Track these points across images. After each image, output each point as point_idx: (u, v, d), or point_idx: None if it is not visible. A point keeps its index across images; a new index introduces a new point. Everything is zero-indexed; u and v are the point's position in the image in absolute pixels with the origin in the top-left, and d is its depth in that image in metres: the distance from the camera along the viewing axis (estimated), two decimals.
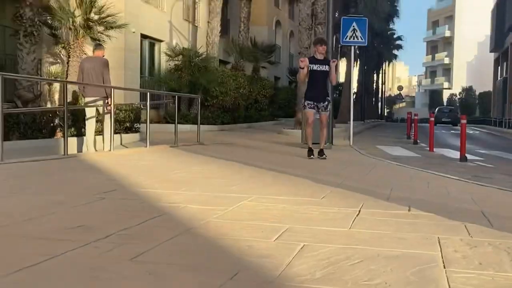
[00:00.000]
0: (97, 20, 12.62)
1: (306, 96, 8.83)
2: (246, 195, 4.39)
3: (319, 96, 8.74)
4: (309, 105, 8.71)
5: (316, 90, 8.73)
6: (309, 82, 8.78)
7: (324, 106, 8.77)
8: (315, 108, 8.74)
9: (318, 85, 8.77)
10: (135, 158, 7.77)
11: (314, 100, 8.70)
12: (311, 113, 8.75)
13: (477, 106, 71.28)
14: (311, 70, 8.66)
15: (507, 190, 5.56)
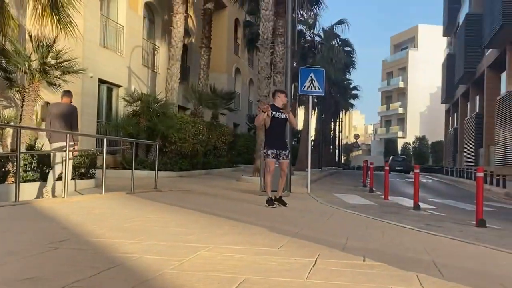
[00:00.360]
0: (54, 65, 12.51)
1: (269, 144, 8.85)
2: (203, 245, 4.36)
3: (281, 144, 8.87)
4: (272, 154, 8.76)
5: (279, 138, 8.86)
6: (271, 130, 8.83)
7: (286, 154, 8.89)
8: (277, 157, 8.81)
9: (280, 133, 8.92)
10: (90, 205, 7.63)
11: (277, 148, 8.77)
12: (273, 162, 8.79)
13: (430, 155, 73.17)
14: (273, 117, 8.75)
15: (457, 239, 5.70)
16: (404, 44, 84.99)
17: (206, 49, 24.73)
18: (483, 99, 34.80)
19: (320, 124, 43.00)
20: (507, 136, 27.52)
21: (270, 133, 8.85)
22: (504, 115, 27.98)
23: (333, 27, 33.78)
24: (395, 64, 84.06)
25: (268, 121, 8.79)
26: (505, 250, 5.11)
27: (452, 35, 49.50)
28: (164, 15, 24.26)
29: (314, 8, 26.05)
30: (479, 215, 8.18)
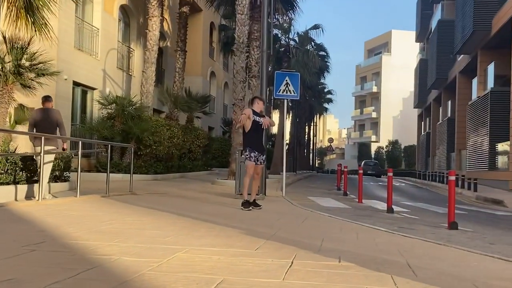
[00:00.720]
0: (28, 67, 12.38)
1: (252, 147, 8.90)
2: (180, 247, 4.39)
3: (261, 148, 9.03)
4: (254, 157, 8.84)
5: (260, 142, 9.02)
6: (253, 133, 8.91)
7: (263, 159, 9.08)
8: (256, 161, 8.90)
9: (261, 137, 9.07)
10: (65, 208, 7.58)
11: (258, 151, 8.90)
12: (253, 165, 8.87)
13: (403, 159, 74.07)
14: (254, 121, 8.86)
15: (430, 241, 5.84)
16: (377, 49, 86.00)
17: (181, 52, 24.70)
18: (455, 104, 35.44)
19: (294, 128, 43.21)
20: (478, 140, 28.07)
21: (252, 136, 8.93)
22: (475, 120, 28.55)
23: (308, 31, 34.02)
24: (369, 69, 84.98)
25: (249, 125, 8.87)
26: (476, 252, 5.26)
27: (424, 40, 50.28)
28: (140, 18, 24.17)
29: (289, 13, 26.18)
30: (451, 217, 8.35)
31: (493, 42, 26.14)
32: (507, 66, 23.66)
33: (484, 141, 26.69)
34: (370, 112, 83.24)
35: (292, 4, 25.18)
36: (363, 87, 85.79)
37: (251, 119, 8.84)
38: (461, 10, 29.24)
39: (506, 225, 10.38)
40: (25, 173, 9.88)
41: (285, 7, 24.60)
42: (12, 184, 9.40)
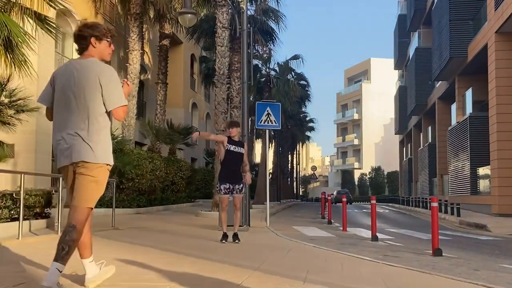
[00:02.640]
0: (7, 104, 12.30)
1: (221, 178, 8.72)
2: (164, 284, 4.34)
3: (235, 178, 8.71)
4: (225, 189, 8.69)
5: (232, 171, 8.70)
6: (224, 163, 8.70)
7: (239, 189, 8.76)
8: (231, 192, 8.78)
9: (234, 166, 8.75)
10: (46, 246, 7.45)
11: (230, 182, 8.65)
12: (226, 198, 8.71)
13: (386, 185, 74.48)
14: (228, 150, 8.66)
15: (414, 269, 5.83)
16: (357, 77, 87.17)
17: (162, 84, 24.79)
18: (435, 129, 35.86)
19: (277, 157, 43.36)
20: (459, 165, 28.35)
21: (223, 166, 8.72)
22: (456, 145, 28.88)
23: (288, 61, 34.40)
24: (349, 97, 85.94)
25: (222, 153, 8.75)
26: (460, 279, 5.26)
27: (403, 68, 51.07)
28: (120, 52, 24.26)
29: (268, 44, 26.52)
30: (435, 244, 8.37)
31: (470, 68, 26.64)
32: (485, 91, 24.08)
33: (465, 165, 26.96)
34: (352, 139, 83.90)
35: (271, 35, 25.52)
36: (345, 114, 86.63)
37: (224, 148, 8.70)
38: (438, 38, 29.83)
39: (490, 250, 10.43)
40: (5, 211, 9.73)
41: (264, 38, 24.91)
42: None
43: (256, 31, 22.75)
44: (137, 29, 21.17)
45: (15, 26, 10.37)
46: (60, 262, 3.76)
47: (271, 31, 25.31)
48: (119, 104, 4.04)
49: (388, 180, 74.08)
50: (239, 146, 8.80)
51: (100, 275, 4.21)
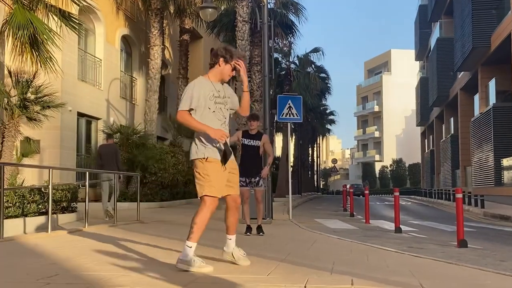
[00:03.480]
0: (34, 100, 12.53)
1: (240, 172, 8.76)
2: (193, 275, 4.41)
3: (251, 171, 8.64)
4: (241, 182, 8.71)
5: (248, 164, 8.62)
6: (242, 157, 8.71)
7: (256, 182, 8.72)
8: (248, 185, 8.77)
9: (250, 160, 8.69)
10: (74, 239, 7.61)
11: (246, 175, 8.56)
12: (245, 191, 8.64)
13: (407, 178, 73.96)
14: (243, 144, 8.69)
15: (440, 260, 5.83)
16: (377, 69, 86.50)
17: (183, 79, 24.89)
18: (457, 121, 35.50)
19: (298, 150, 43.30)
20: (482, 156, 28.06)
21: (241, 160, 8.63)
22: (479, 136, 28.57)
23: (309, 54, 34.30)
24: (370, 89, 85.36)
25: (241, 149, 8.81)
26: (488, 270, 5.25)
27: (424, 59, 50.58)
28: (141, 47, 24.43)
29: (289, 37, 26.49)
30: (460, 235, 8.34)
31: (493, 58, 26.31)
32: (508, 81, 23.79)
33: (489, 157, 26.67)
34: (373, 131, 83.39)
35: (291, 28, 25.48)
36: (365, 106, 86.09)
37: (240, 143, 8.72)
38: (460, 28, 29.49)
39: None
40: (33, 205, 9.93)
41: (284, 32, 24.88)
42: (21, 217, 9.45)
43: (276, 25, 22.72)
44: (157, 24, 21.31)
45: (41, 23, 10.56)
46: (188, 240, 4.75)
47: (291, 24, 25.29)
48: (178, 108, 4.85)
49: (409, 172, 73.57)
50: (255, 139, 8.75)
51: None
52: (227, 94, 4.89)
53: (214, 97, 4.77)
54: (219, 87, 4.85)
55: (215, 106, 4.78)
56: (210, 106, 4.75)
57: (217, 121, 4.77)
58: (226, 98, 4.86)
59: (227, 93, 4.90)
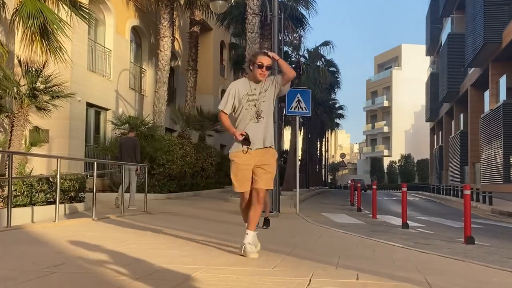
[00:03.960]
0: (43, 89, 12.57)
1: None
2: (197, 267, 4.42)
3: None
4: None
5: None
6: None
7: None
8: None
9: None
10: (82, 229, 7.65)
11: None
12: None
13: (416, 173, 73.71)
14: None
15: (447, 257, 5.81)
16: (387, 63, 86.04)
17: (192, 71, 24.91)
18: (467, 117, 35.29)
19: (306, 144, 43.21)
20: (491, 153, 27.90)
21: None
22: (489, 132, 28.40)
23: (318, 48, 34.16)
24: (379, 84, 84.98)
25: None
26: (494, 267, 5.22)
27: (435, 54, 50.26)
28: (151, 38, 24.45)
29: (298, 30, 26.38)
30: (467, 232, 8.30)
31: (504, 54, 26.09)
32: None
33: (498, 154, 26.51)
34: (382, 126, 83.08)
35: (302, 21, 25.37)
36: (374, 101, 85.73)
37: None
38: (471, 23, 29.25)
39: None
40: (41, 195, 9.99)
41: (294, 24, 24.78)
42: (29, 206, 9.50)
43: (287, 17, 22.62)
44: (168, 16, 21.29)
45: (51, 13, 10.56)
46: (247, 228, 5.24)
47: (301, 17, 25.17)
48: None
49: (418, 168, 73.31)
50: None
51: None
52: (266, 87, 5.29)
53: (247, 95, 5.27)
54: (255, 86, 5.29)
55: (247, 104, 5.26)
56: (243, 105, 5.27)
57: (248, 117, 5.26)
58: (263, 93, 5.28)
59: (266, 85, 5.30)
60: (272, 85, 5.32)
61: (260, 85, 5.30)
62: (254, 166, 5.23)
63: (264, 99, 5.29)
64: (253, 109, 5.25)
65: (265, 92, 5.30)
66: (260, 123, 5.24)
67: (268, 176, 5.25)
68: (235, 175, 5.27)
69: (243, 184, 5.25)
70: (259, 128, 5.24)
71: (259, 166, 5.23)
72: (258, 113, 5.25)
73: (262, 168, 5.24)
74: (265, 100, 5.29)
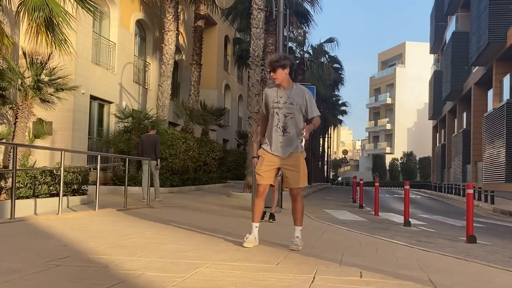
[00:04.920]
0: (48, 82, 12.58)
1: None
2: (201, 261, 4.43)
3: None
4: None
5: None
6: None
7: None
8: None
9: None
10: (85, 222, 7.67)
11: None
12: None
13: (417, 171, 73.65)
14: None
15: (449, 255, 5.82)
16: (391, 60, 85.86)
17: (196, 65, 24.91)
18: (470, 115, 35.22)
19: (309, 140, 43.21)
20: (494, 152, 27.86)
21: None
22: (491, 131, 28.35)
23: (323, 44, 34.12)
24: (383, 81, 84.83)
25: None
26: (497, 266, 5.23)
27: (439, 52, 50.13)
28: (155, 32, 24.43)
29: (303, 26, 26.34)
30: (470, 231, 8.32)
31: (509, 53, 26.02)
32: None
33: (501, 153, 26.47)
34: (385, 123, 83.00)
35: (306, 17, 25.32)
36: (377, 98, 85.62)
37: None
38: (476, 22, 29.17)
39: None
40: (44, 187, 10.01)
41: (299, 20, 24.74)
42: (32, 198, 9.53)
43: (291, 13, 22.61)
44: (172, 10, 21.27)
45: (56, 5, 10.56)
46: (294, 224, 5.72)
47: (306, 13, 25.12)
48: None
49: (420, 165, 73.25)
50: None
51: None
52: (290, 101, 5.42)
53: (273, 102, 5.44)
54: (282, 93, 5.45)
55: (272, 110, 5.46)
56: (270, 110, 5.48)
57: (273, 124, 5.46)
58: (288, 104, 5.40)
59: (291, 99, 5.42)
60: (300, 111, 5.43)
61: (286, 93, 5.43)
62: (281, 167, 5.47)
63: (285, 111, 5.41)
64: (276, 116, 5.43)
65: (291, 104, 5.40)
66: (285, 137, 5.42)
67: (295, 174, 5.43)
68: (259, 168, 5.50)
69: (262, 178, 5.47)
70: (284, 140, 5.41)
71: (285, 168, 5.46)
72: (284, 127, 5.41)
73: (288, 169, 5.46)
74: (292, 117, 5.41)
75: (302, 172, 5.47)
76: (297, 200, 5.52)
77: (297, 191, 5.50)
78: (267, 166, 5.46)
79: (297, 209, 5.60)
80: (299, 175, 5.45)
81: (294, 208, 5.62)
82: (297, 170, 5.42)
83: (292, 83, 5.55)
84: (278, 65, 5.41)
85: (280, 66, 5.42)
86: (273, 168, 5.47)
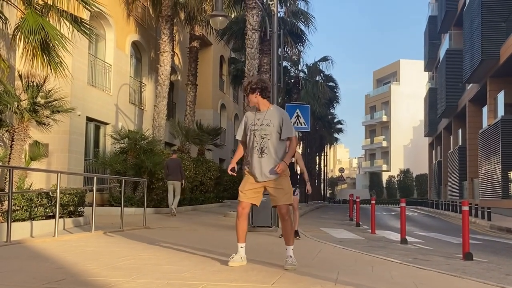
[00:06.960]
0: (44, 104, 12.60)
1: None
2: (198, 282, 4.45)
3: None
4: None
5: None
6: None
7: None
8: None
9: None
10: (81, 244, 7.66)
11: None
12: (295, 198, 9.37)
13: (414, 188, 73.67)
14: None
15: (445, 273, 5.84)
16: (386, 78, 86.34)
17: (192, 86, 25.03)
18: (465, 132, 35.37)
19: (305, 159, 43.29)
20: (490, 169, 27.94)
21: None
22: (487, 148, 28.47)
23: (317, 63, 34.36)
24: (378, 98, 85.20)
25: None
26: (491, 283, 5.25)
27: (433, 69, 50.47)
28: (151, 53, 24.60)
29: (298, 45, 26.57)
30: (466, 248, 8.33)
31: (502, 70, 26.25)
32: None
33: (497, 169, 26.55)
34: (381, 141, 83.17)
35: (301, 37, 25.57)
36: (373, 116, 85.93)
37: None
38: (469, 40, 29.45)
39: None
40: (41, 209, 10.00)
41: (294, 40, 24.97)
42: (28, 220, 9.52)
43: (286, 33, 22.83)
44: (168, 31, 21.45)
45: (52, 28, 10.65)
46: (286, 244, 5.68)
47: (300, 33, 25.37)
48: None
49: (416, 182, 73.27)
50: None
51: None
52: (266, 122, 5.55)
53: (251, 125, 5.61)
54: (259, 116, 5.61)
55: (250, 133, 5.61)
56: (248, 133, 5.64)
57: (251, 146, 5.59)
58: (264, 126, 5.54)
59: (267, 121, 5.55)
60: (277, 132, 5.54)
61: (263, 116, 5.58)
62: (266, 186, 5.56)
63: (262, 133, 5.53)
64: (253, 138, 5.55)
65: (267, 126, 5.53)
66: (263, 158, 5.52)
67: (281, 191, 5.51)
68: (243, 187, 5.61)
69: (245, 195, 5.56)
70: (261, 162, 5.52)
71: (270, 186, 5.55)
72: (262, 149, 5.53)
73: (272, 187, 5.55)
74: (263, 134, 5.53)
75: (286, 189, 5.55)
76: (286, 219, 5.55)
77: (286, 209, 5.53)
78: (251, 184, 5.58)
79: (286, 229, 5.63)
80: (284, 192, 5.52)
81: (284, 227, 5.65)
82: (281, 187, 5.52)
83: (269, 105, 5.69)
84: (248, 90, 5.62)
85: (250, 90, 5.61)
86: (256, 188, 5.58)
